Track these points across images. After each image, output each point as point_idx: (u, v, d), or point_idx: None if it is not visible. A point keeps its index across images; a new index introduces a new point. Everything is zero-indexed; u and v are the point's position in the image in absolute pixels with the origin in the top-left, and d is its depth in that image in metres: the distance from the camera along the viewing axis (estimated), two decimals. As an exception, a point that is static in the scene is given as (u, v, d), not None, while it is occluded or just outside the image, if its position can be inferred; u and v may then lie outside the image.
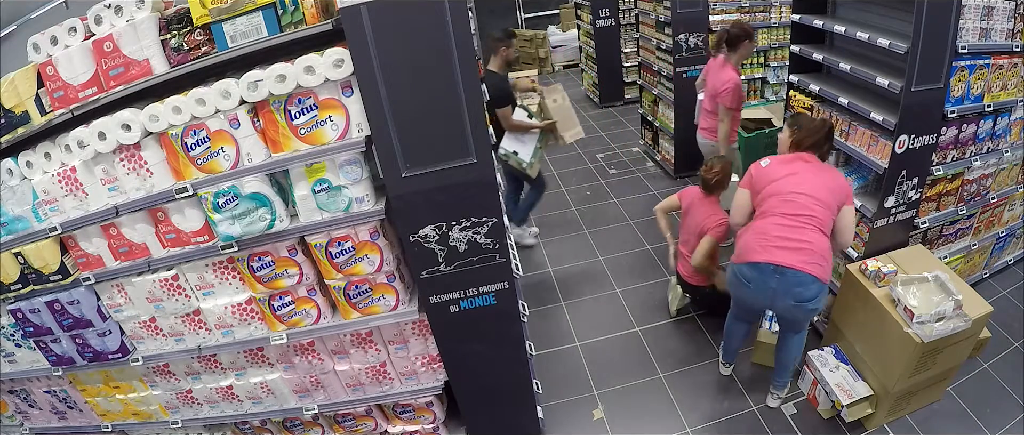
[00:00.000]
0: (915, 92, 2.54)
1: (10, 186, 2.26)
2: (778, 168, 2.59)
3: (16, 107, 2.11)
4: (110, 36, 1.93)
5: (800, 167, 2.56)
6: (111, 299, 2.46)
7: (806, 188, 2.48)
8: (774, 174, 2.57)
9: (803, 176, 2.52)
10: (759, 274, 2.49)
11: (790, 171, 2.55)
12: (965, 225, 3.25)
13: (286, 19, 1.87)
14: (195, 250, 2.27)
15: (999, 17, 2.68)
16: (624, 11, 7.18)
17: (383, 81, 1.91)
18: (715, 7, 5.20)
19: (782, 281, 2.44)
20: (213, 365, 2.69)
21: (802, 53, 3.25)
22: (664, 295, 3.85)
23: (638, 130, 6.55)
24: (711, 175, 3.27)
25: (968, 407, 2.84)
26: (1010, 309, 3.37)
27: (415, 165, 2.06)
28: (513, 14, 10.55)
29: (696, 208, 3.32)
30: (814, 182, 2.49)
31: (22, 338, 2.62)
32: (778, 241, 2.45)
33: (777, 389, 2.94)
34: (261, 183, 2.10)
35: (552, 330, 3.72)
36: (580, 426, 3.03)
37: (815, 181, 2.50)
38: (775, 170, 2.59)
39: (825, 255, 2.44)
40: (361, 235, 2.21)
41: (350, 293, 2.35)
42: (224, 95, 1.97)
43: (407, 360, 2.62)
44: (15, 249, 2.32)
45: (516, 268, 2.40)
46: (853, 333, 2.89)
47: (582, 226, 4.94)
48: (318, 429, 2.96)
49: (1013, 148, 3.11)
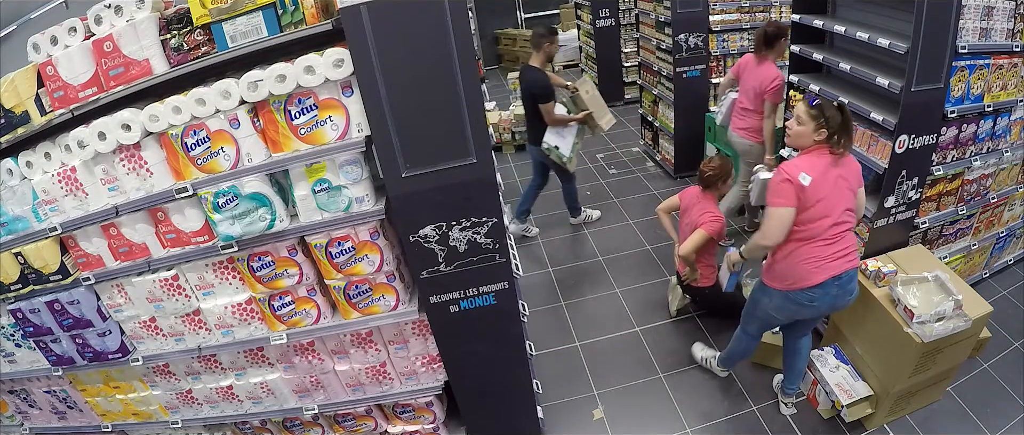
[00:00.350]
0: (915, 92, 2.54)
1: (10, 186, 2.25)
2: (821, 186, 2.27)
3: (16, 107, 2.11)
4: (110, 36, 1.93)
5: (834, 176, 2.30)
6: (111, 299, 2.46)
7: (847, 200, 2.34)
8: (820, 192, 2.27)
9: (839, 186, 2.31)
10: (822, 291, 2.39)
11: (833, 186, 2.30)
12: (965, 225, 3.26)
13: (286, 19, 1.87)
14: (195, 250, 2.27)
15: (999, 17, 2.68)
16: (624, 11, 7.18)
17: (383, 81, 1.91)
18: (715, 7, 5.20)
19: (840, 285, 2.38)
20: (213, 365, 2.69)
21: (802, 53, 3.25)
22: (664, 295, 3.85)
23: (638, 130, 6.55)
24: (708, 169, 3.27)
25: (968, 407, 2.84)
26: (1010, 309, 3.37)
27: (415, 165, 2.06)
28: (513, 14, 10.55)
29: (693, 206, 3.32)
30: (849, 188, 2.35)
31: (22, 338, 2.62)
32: (832, 256, 2.35)
33: (788, 396, 2.91)
34: (261, 183, 2.10)
35: (552, 330, 3.72)
36: (580, 426, 3.03)
37: (850, 185, 2.35)
38: (819, 188, 2.27)
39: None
40: (361, 235, 2.21)
41: (350, 293, 2.35)
42: (224, 95, 1.97)
43: (407, 360, 2.62)
44: (15, 249, 2.32)
45: (516, 268, 2.40)
46: (853, 333, 2.89)
47: (582, 226, 4.94)
48: (318, 429, 2.96)
49: (1013, 148, 3.11)
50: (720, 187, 3.30)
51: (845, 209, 2.33)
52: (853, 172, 2.37)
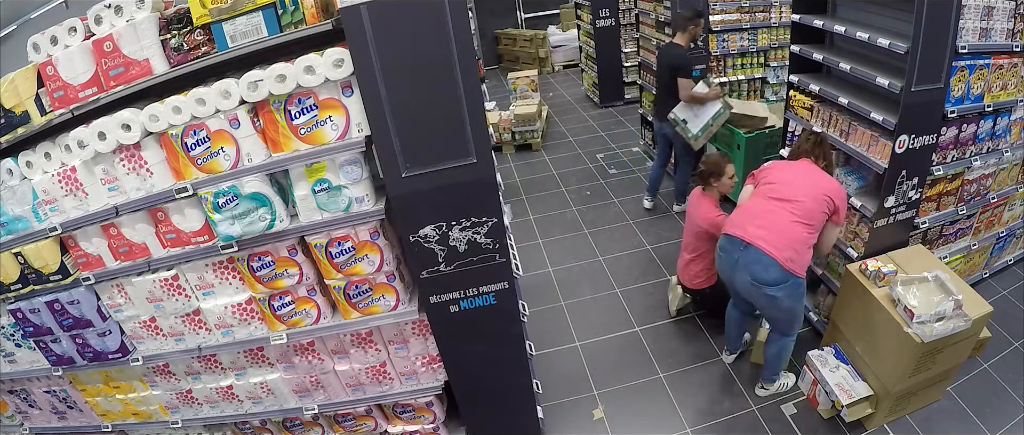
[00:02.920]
0: (915, 92, 2.54)
1: (10, 186, 2.26)
2: (779, 164, 2.84)
3: (16, 107, 2.11)
4: (110, 36, 1.94)
5: (800, 166, 2.75)
6: (111, 299, 2.46)
7: (798, 181, 2.67)
8: (774, 168, 2.82)
9: (797, 171, 2.73)
10: (729, 245, 2.70)
11: (789, 166, 2.79)
12: (965, 225, 3.25)
13: (286, 19, 1.87)
14: (195, 250, 2.27)
15: (999, 17, 2.68)
16: (624, 11, 7.17)
17: (383, 81, 1.91)
18: (715, 7, 5.20)
19: (744, 255, 2.61)
20: (213, 365, 2.69)
21: (802, 53, 3.24)
22: (664, 295, 3.85)
23: (638, 130, 6.55)
24: (702, 166, 3.31)
25: (968, 407, 2.84)
26: (1010, 309, 3.37)
27: (415, 165, 2.06)
28: (513, 14, 10.55)
29: (695, 210, 3.32)
30: (806, 180, 2.67)
31: (22, 338, 2.62)
32: (753, 216, 2.66)
33: (764, 381, 3.04)
34: (261, 183, 2.09)
35: (552, 330, 3.72)
36: (580, 426, 3.03)
37: (807, 179, 2.67)
38: (776, 166, 2.83)
39: (796, 246, 2.53)
40: (361, 235, 2.21)
41: (350, 293, 2.35)
42: (224, 95, 1.97)
43: (407, 360, 2.62)
44: (15, 249, 2.32)
45: (516, 268, 2.40)
46: (853, 333, 2.89)
47: (582, 226, 4.94)
48: (318, 429, 2.96)
49: (1013, 148, 3.11)
50: (714, 184, 3.28)
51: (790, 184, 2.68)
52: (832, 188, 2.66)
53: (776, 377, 3.00)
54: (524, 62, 9.91)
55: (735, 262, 2.66)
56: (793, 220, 2.55)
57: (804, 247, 2.56)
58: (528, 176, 6.09)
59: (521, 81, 7.24)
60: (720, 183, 3.28)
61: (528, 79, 7.26)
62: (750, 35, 5.52)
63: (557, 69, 10.17)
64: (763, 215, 2.63)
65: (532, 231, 4.95)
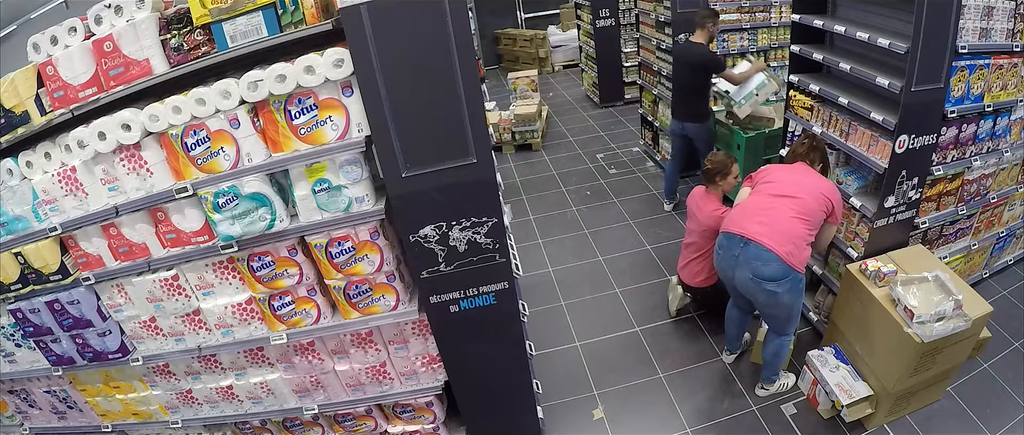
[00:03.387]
0: (915, 92, 2.54)
1: (10, 186, 2.25)
2: (776, 166, 2.91)
3: (16, 107, 2.11)
4: (110, 36, 1.93)
5: (797, 168, 2.82)
6: (111, 299, 2.46)
7: (796, 179, 2.73)
8: (772, 170, 2.89)
9: (795, 172, 2.79)
10: (728, 242, 2.72)
11: (786, 169, 2.86)
12: (965, 225, 3.25)
13: (286, 19, 1.87)
14: (195, 250, 2.27)
15: (999, 17, 2.67)
16: (624, 11, 7.17)
17: (383, 81, 1.91)
18: (715, 7, 5.19)
19: (744, 251, 2.63)
20: (213, 365, 2.69)
21: (802, 53, 3.24)
22: (664, 295, 3.85)
23: (638, 130, 6.55)
24: (707, 163, 3.31)
25: (968, 407, 2.84)
26: (1010, 309, 3.37)
27: (415, 165, 2.06)
28: (513, 14, 10.55)
29: (699, 209, 3.32)
30: (805, 180, 2.73)
31: (22, 338, 2.62)
32: (753, 213, 2.68)
33: (764, 381, 3.04)
34: (261, 183, 2.09)
35: (552, 330, 3.72)
36: (580, 426, 3.03)
37: (806, 180, 2.73)
38: (774, 168, 2.90)
39: (796, 241, 2.56)
40: (361, 235, 2.21)
41: (350, 293, 2.35)
42: (224, 95, 1.97)
43: (407, 360, 2.62)
44: (15, 249, 2.32)
45: (516, 268, 2.40)
46: (853, 333, 2.89)
47: (582, 226, 4.94)
48: (318, 429, 2.96)
49: (1013, 148, 3.11)
50: (719, 182, 3.29)
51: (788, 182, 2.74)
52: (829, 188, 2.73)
53: (776, 377, 3.00)
54: (524, 62, 9.91)
55: (735, 259, 2.67)
56: (793, 216, 2.58)
57: (803, 243, 2.59)
58: (528, 176, 6.09)
59: (521, 81, 7.24)
60: (725, 181, 3.29)
61: (528, 79, 7.26)
62: (750, 35, 5.52)
63: (557, 69, 10.17)
64: (764, 211, 2.65)
65: (532, 231, 4.95)
